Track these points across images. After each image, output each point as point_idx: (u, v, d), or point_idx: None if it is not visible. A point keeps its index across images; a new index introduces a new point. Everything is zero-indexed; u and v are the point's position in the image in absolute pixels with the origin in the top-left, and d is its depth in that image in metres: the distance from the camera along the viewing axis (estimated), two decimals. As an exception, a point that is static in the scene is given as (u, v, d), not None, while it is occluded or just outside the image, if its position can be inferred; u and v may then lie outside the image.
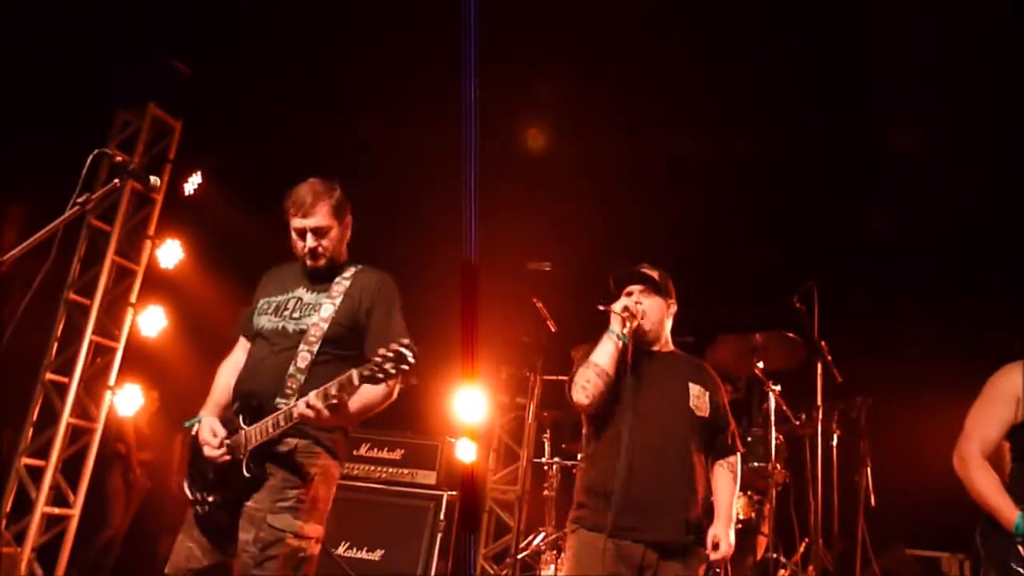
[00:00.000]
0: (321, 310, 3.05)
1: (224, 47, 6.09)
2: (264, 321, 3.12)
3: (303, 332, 3.02)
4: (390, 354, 2.67)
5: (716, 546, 3.17)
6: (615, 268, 3.47)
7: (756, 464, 5.05)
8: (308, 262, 3.11)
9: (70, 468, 5.95)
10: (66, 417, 5.88)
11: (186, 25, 5.87)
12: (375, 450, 5.24)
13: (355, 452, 5.21)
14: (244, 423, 2.94)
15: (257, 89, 6.37)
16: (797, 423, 5.17)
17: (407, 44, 5.68)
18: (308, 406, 2.77)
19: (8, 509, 5.70)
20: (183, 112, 6.54)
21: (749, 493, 5.22)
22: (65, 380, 5.95)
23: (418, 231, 6.36)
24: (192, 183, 6.59)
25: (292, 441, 2.95)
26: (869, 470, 5.03)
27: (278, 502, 2.88)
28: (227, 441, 2.96)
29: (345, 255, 3.22)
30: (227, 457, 2.94)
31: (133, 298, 6.31)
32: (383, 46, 5.82)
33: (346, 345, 3.04)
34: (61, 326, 6.03)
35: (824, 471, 4.75)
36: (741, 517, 5.16)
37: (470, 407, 6.03)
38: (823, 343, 4.78)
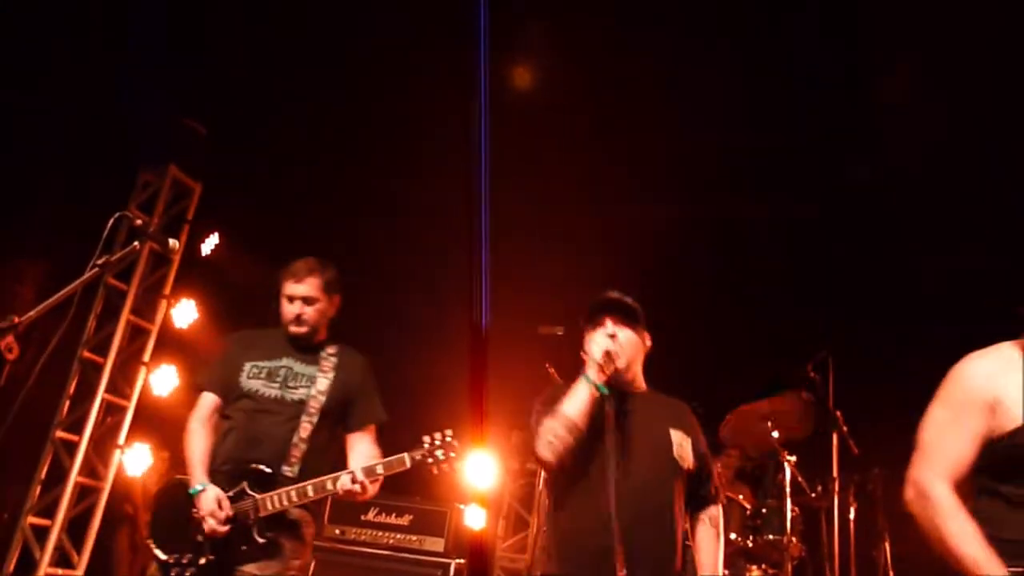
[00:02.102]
0: (317, 383, 3.22)
1: (243, 109, 6.23)
2: (258, 385, 3.22)
3: (303, 403, 3.19)
4: (439, 441, 2.98)
5: None
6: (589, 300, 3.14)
7: (771, 537, 4.94)
8: (292, 328, 3.28)
9: (76, 528, 5.90)
10: (74, 476, 5.85)
11: (207, 87, 6.02)
12: (383, 515, 5.17)
13: (362, 517, 5.14)
14: (253, 491, 3.03)
15: (276, 151, 6.50)
16: (813, 495, 5.08)
17: (424, 105, 5.78)
18: (355, 482, 2.97)
19: (11, 569, 5.64)
20: (202, 174, 6.67)
21: (764, 566, 5.10)
22: (75, 438, 5.94)
23: (430, 294, 6.39)
24: (209, 244, 6.67)
25: (295, 511, 3.09)
26: (888, 544, 4.91)
27: (287, 571, 3.04)
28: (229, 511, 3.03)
29: (325, 333, 3.41)
30: (226, 530, 3.00)
31: (146, 357, 6.33)
32: (400, 108, 5.94)
33: (336, 417, 3.26)
34: (74, 384, 6.05)
35: (841, 545, 4.65)
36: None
37: (480, 473, 5.97)
38: (839, 413, 4.73)
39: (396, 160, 6.35)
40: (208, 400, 3.31)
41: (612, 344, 2.92)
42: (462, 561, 5.02)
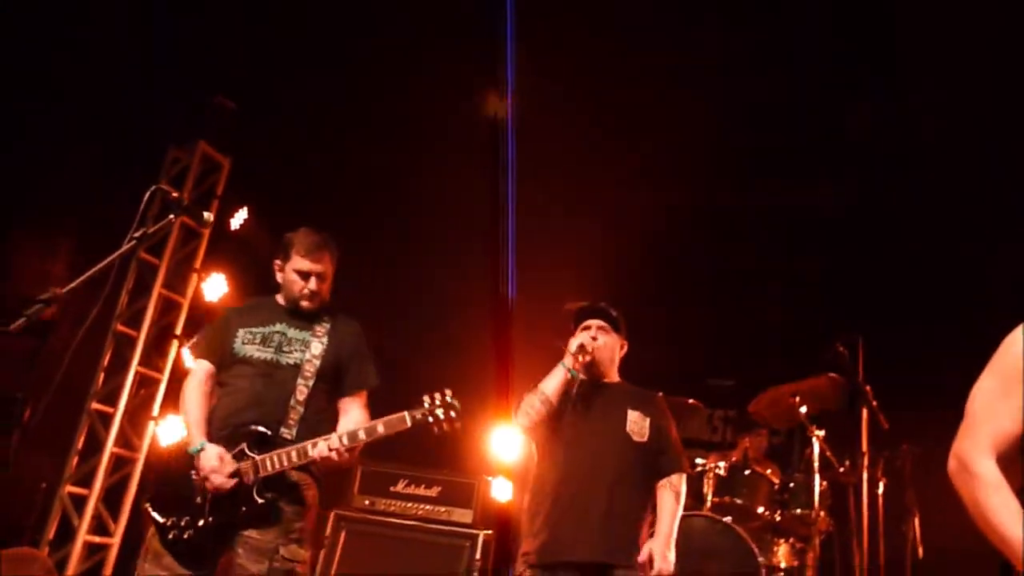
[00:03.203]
0: (311, 347, 3.23)
1: (272, 85, 6.24)
2: (252, 350, 3.22)
3: (298, 366, 3.19)
4: (439, 401, 2.97)
5: (651, 562, 3.24)
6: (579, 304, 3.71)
7: (799, 511, 4.93)
8: (304, 303, 3.28)
9: (112, 497, 6.03)
10: (110, 446, 5.97)
11: (237, 63, 6.03)
12: (412, 486, 5.21)
13: (391, 488, 5.19)
14: (252, 452, 3.03)
15: (303, 127, 6.51)
16: (841, 470, 5.05)
17: (453, 82, 5.75)
18: (331, 449, 2.97)
19: (51, 536, 5.79)
20: (231, 149, 6.71)
21: (792, 540, 5.09)
22: (110, 410, 6.06)
23: (457, 268, 6.40)
24: (238, 218, 6.72)
25: (295, 473, 3.10)
26: (917, 520, 4.88)
27: (289, 534, 3.03)
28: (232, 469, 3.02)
29: None
30: (232, 484, 2.99)
31: (178, 330, 6.42)
32: (427, 85, 5.92)
33: (331, 381, 3.25)
34: (108, 357, 6.16)
35: (870, 520, 4.62)
36: (783, 565, 5.03)
37: (506, 446, 5.99)
38: (867, 388, 4.68)
39: (424, 136, 6.33)
40: (202, 367, 3.30)
41: (588, 341, 3.49)
42: (490, 532, 5.06)
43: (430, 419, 2.96)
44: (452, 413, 2.98)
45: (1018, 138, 5.18)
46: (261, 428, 3.07)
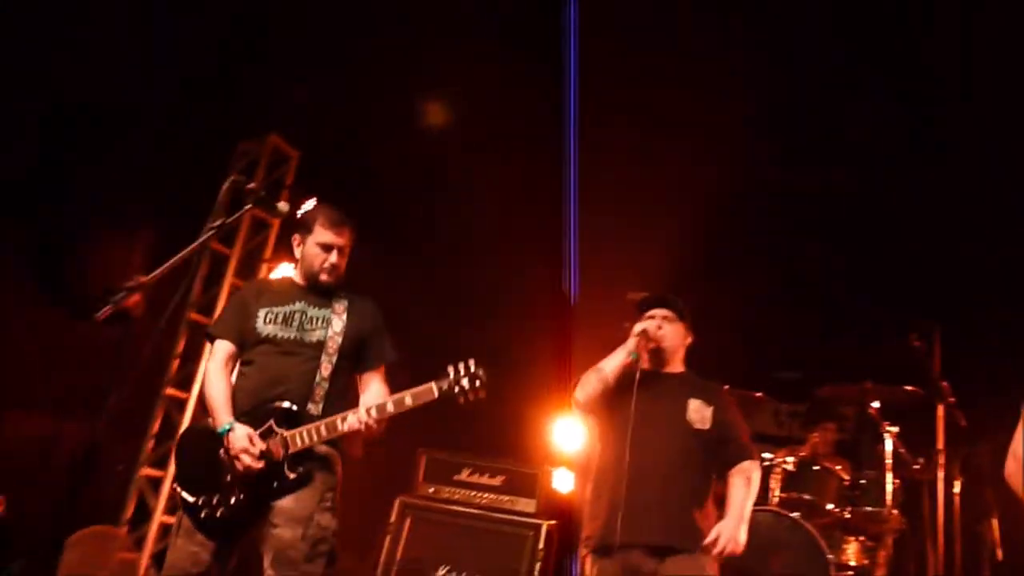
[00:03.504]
0: (333, 324, 3.26)
1: (342, 77, 6.31)
2: (275, 329, 3.24)
3: (321, 344, 3.21)
4: (463, 371, 2.98)
5: (717, 540, 3.22)
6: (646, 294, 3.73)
7: (869, 508, 4.80)
8: (323, 276, 3.33)
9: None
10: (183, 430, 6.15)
11: (307, 57, 6.12)
12: (476, 475, 5.24)
13: (455, 477, 5.23)
14: (280, 428, 3.06)
15: (370, 120, 6.57)
16: (916, 467, 4.90)
17: (515, 76, 5.73)
18: (360, 421, 3.00)
19: (129, 516, 6.01)
20: (301, 141, 6.82)
21: (862, 539, 4.97)
22: (184, 395, 6.25)
23: (520, 260, 6.39)
24: (306, 209, 6.81)
25: (323, 447, 3.13)
26: (996, 521, 4.70)
27: (321, 503, 3.08)
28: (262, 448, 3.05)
29: None
30: (262, 464, 3.02)
31: (249, 318, 6.57)
32: (491, 78, 5.91)
33: (352, 357, 3.28)
34: (182, 344, 6.35)
35: (945, 520, 4.47)
36: (852, 564, 4.91)
37: (568, 437, 5.99)
38: (944, 384, 4.52)
39: (485, 129, 6.34)
40: (223, 347, 3.29)
41: (652, 328, 3.52)
42: (553, 523, 5.06)
43: (456, 389, 2.98)
44: (477, 383, 2.98)
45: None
46: (288, 405, 3.10)
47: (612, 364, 3.45)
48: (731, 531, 3.24)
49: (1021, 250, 5.72)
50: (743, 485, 3.38)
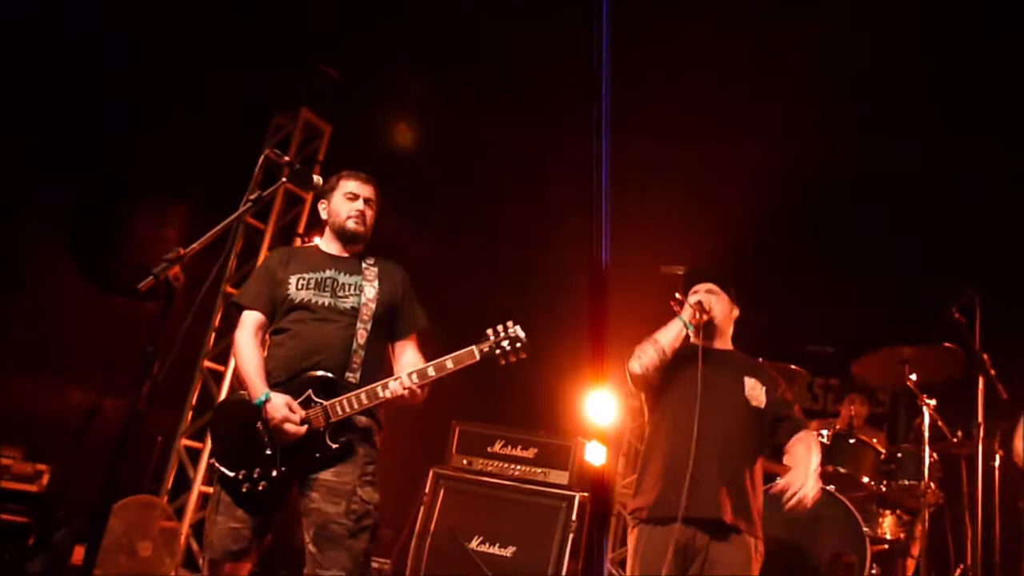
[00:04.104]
0: (365, 291, 3.20)
1: (373, 52, 6.29)
2: (310, 295, 3.18)
3: (355, 310, 3.16)
4: (504, 333, 2.95)
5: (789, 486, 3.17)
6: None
7: (907, 482, 4.75)
8: (351, 224, 3.29)
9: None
10: (221, 403, 6.26)
11: (337, 31, 6.11)
12: (509, 447, 5.27)
13: (489, 449, 5.27)
14: (319, 397, 3.01)
15: (403, 95, 6.56)
16: (954, 440, 4.83)
17: (549, 56, 5.67)
18: (404, 387, 2.96)
19: (169, 486, 6.14)
20: (333, 116, 6.83)
21: (898, 512, 4.93)
22: (221, 368, 6.35)
23: (553, 234, 6.37)
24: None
25: (363, 418, 3.08)
26: (1036, 496, 4.63)
27: (363, 476, 3.02)
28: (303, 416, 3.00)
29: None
30: (304, 430, 2.98)
31: (283, 292, 6.64)
32: (524, 57, 5.87)
33: (385, 324, 3.24)
34: (218, 317, 6.44)
35: (984, 495, 4.40)
36: (888, 537, 4.88)
37: (600, 410, 5.99)
38: (985, 356, 4.43)
39: (518, 106, 6.30)
40: (252, 317, 3.23)
41: (707, 299, 3.49)
42: (586, 494, 5.08)
43: (497, 351, 2.94)
44: (519, 344, 2.95)
45: None
46: (326, 373, 3.04)
47: (668, 336, 3.42)
48: (803, 477, 3.17)
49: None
50: (808, 448, 3.33)
